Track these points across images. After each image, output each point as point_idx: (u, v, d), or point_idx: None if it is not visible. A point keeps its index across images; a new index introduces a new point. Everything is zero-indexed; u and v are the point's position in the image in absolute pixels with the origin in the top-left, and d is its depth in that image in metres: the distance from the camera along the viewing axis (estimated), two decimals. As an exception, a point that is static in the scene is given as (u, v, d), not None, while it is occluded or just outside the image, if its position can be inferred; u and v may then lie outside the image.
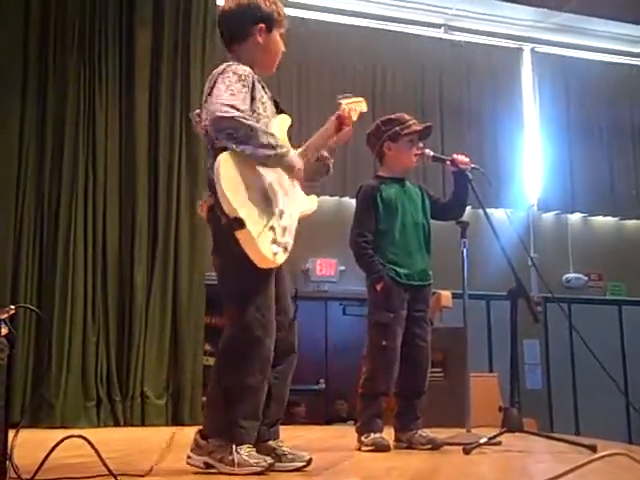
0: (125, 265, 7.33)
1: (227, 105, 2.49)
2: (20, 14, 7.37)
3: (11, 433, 1.99)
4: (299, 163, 2.69)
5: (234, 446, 2.47)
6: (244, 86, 2.60)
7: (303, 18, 9.71)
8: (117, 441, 4.68)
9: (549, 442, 3.84)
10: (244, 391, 2.53)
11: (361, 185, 3.91)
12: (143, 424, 6.96)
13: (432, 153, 3.91)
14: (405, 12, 10.16)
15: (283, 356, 2.71)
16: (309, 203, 2.89)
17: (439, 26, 10.43)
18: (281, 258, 2.57)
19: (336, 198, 9.40)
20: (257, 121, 2.60)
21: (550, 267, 9.81)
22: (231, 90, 2.54)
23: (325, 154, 2.96)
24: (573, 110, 10.85)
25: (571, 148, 10.71)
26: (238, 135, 2.48)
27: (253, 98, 2.66)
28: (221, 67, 2.67)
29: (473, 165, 3.86)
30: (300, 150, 2.81)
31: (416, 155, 3.87)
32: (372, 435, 3.56)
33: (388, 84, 9.99)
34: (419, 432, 3.67)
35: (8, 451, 1.89)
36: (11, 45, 7.31)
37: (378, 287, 3.62)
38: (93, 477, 2.30)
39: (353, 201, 3.97)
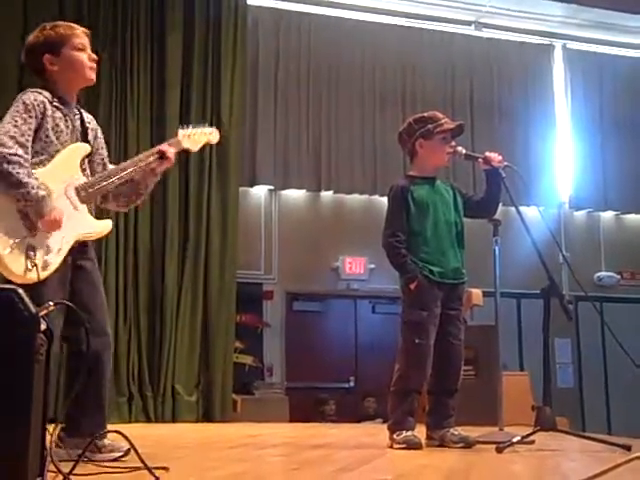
0: (156, 263, 7.40)
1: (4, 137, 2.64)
2: (55, 18, 7.44)
3: (49, 429, 2.03)
4: (48, 209, 2.69)
5: None
6: (30, 116, 2.74)
7: (333, 17, 9.72)
8: (149, 436, 4.72)
9: (582, 441, 3.81)
10: None
11: (392, 185, 3.90)
12: (174, 420, 7.02)
13: (465, 151, 3.89)
14: (436, 10, 10.12)
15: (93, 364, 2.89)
16: (96, 226, 3.01)
17: (470, 23, 10.38)
18: (36, 275, 2.65)
19: (366, 196, 9.39)
20: (45, 147, 2.78)
21: (582, 265, 9.70)
22: (15, 121, 2.70)
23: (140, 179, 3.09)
24: (605, 107, 10.74)
25: (603, 145, 10.59)
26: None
27: (40, 127, 2.78)
28: (20, 94, 2.82)
29: (506, 163, 3.84)
30: (98, 176, 2.98)
31: (448, 153, 3.86)
32: (404, 433, 3.55)
33: (418, 82, 9.95)
34: (451, 430, 3.66)
35: (47, 446, 1.92)
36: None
37: (412, 286, 3.61)
38: (129, 471, 2.33)
39: (383, 199, 3.98)
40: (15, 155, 2.64)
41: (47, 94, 2.84)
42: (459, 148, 3.87)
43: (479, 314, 6.80)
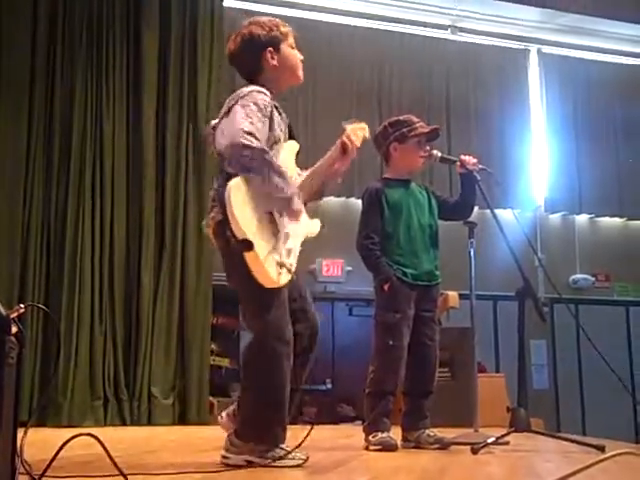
0: (132, 266, 7.36)
1: (247, 133, 2.53)
2: (28, 19, 7.40)
3: (20, 432, 2.01)
4: (299, 207, 2.70)
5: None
6: (264, 116, 2.66)
7: (310, 20, 9.73)
8: (124, 440, 4.69)
9: (557, 442, 3.84)
10: (274, 395, 2.66)
11: (367, 187, 3.92)
12: (150, 424, 6.98)
13: (440, 154, 3.92)
14: (411, 13, 10.15)
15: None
16: (313, 226, 2.95)
17: (446, 27, 10.43)
18: (285, 279, 2.64)
19: (342, 199, 9.39)
20: (272, 147, 2.68)
21: (557, 268, 9.80)
22: (250, 119, 2.59)
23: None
24: (580, 111, 10.83)
25: (578, 149, 10.68)
26: (252, 166, 2.54)
27: (271, 127, 2.72)
28: (244, 91, 2.73)
29: (481, 166, 3.87)
30: (304, 178, 2.92)
31: (422, 157, 3.89)
32: (379, 434, 3.57)
33: (394, 85, 9.97)
34: (427, 431, 3.68)
35: (18, 449, 1.90)
36: (18, 48, 7.33)
37: (385, 287, 3.63)
38: (103, 476, 2.31)
39: (359, 202, 3.98)
40: (256, 139, 2.53)
41: (269, 94, 2.76)
42: (434, 151, 3.90)
43: (455, 316, 6.83)
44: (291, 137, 2.95)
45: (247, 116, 2.59)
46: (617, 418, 9.42)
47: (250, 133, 2.54)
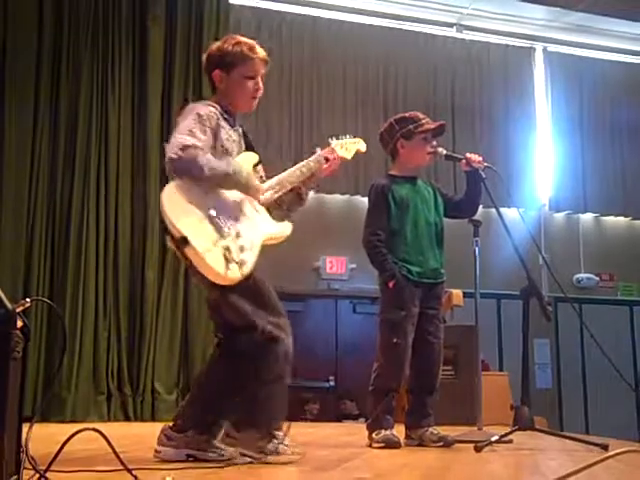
0: (137, 261, 7.37)
1: (186, 146, 2.60)
2: (34, 16, 7.41)
3: (24, 427, 2.01)
4: (253, 183, 2.79)
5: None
6: (205, 126, 2.72)
7: (315, 17, 9.74)
8: (128, 436, 4.70)
9: (560, 440, 3.84)
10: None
11: (373, 184, 3.91)
12: (153, 419, 6.99)
13: (445, 151, 3.90)
14: (417, 11, 10.14)
15: None
16: (279, 228, 2.97)
17: (451, 25, 10.42)
18: (235, 274, 2.63)
19: (347, 196, 9.39)
20: (221, 158, 2.74)
21: (561, 267, 9.79)
22: (191, 131, 2.67)
23: (300, 185, 3.08)
24: (585, 110, 10.82)
25: (583, 148, 10.67)
26: (193, 174, 2.62)
27: (217, 137, 2.78)
28: (192, 104, 2.84)
29: (486, 164, 3.85)
30: (269, 184, 2.94)
31: (429, 153, 3.88)
32: (383, 432, 3.56)
33: (400, 83, 9.97)
34: (430, 429, 3.67)
35: (23, 443, 1.90)
36: (24, 46, 7.34)
37: (390, 284, 3.62)
38: (107, 470, 2.32)
39: (364, 199, 3.98)
40: (195, 147, 2.62)
41: (217, 107, 2.84)
42: (440, 149, 3.89)
43: (459, 314, 6.83)
44: (249, 149, 3.01)
45: (188, 128, 2.68)
46: (620, 417, 9.42)
47: (188, 146, 2.61)
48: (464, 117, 10.13)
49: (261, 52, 2.92)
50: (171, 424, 2.83)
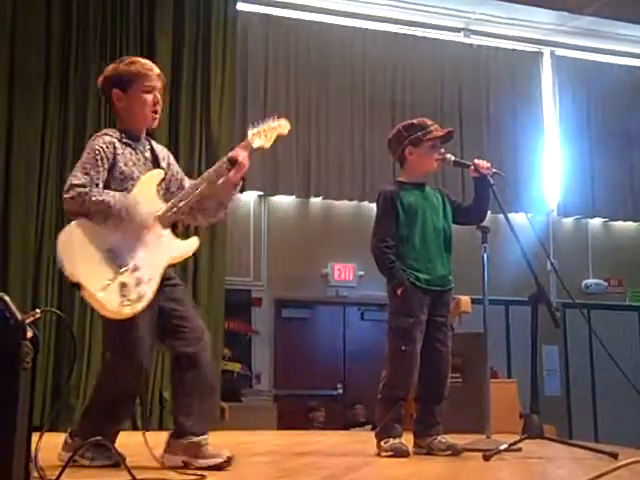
0: (145, 269, 7.37)
1: (75, 186, 2.73)
2: (42, 22, 7.44)
3: (34, 437, 2.01)
4: (138, 217, 2.81)
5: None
6: (99, 159, 2.81)
7: (322, 23, 9.75)
8: (136, 445, 4.68)
9: (570, 449, 3.81)
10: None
11: (381, 190, 3.90)
12: (161, 428, 6.98)
13: (454, 158, 3.90)
14: (425, 16, 10.15)
15: (188, 368, 2.99)
16: (184, 248, 3.02)
17: (459, 30, 10.42)
18: (131, 309, 2.70)
19: (355, 203, 9.39)
20: (122, 184, 2.84)
21: (569, 272, 9.74)
22: (85, 169, 2.78)
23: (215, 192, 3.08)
24: (593, 114, 10.80)
25: (591, 153, 10.65)
26: (81, 212, 2.72)
27: (115, 166, 2.85)
28: (90, 141, 2.92)
29: (494, 170, 3.85)
30: (170, 204, 2.96)
31: (437, 160, 3.87)
32: (391, 440, 3.55)
33: (407, 88, 9.98)
34: (439, 438, 3.66)
35: (32, 453, 1.90)
36: (32, 52, 7.37)
37: (399, 292, 3.61)
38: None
39: (372, 205, 3.98)
40: (82, 186, 2.72)
41: (115, 133, 2.92)
42: (448, 155, 3.88)
43: (467, 321, 6.80)
44: (157, 166, 3.06)
45: (81, 165, 2.79)
46: (630, 424, 9.36)
47: (75, 185, 2.72)
48: (472, 122, 10.12)
49: (156, 69, 3.02)
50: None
